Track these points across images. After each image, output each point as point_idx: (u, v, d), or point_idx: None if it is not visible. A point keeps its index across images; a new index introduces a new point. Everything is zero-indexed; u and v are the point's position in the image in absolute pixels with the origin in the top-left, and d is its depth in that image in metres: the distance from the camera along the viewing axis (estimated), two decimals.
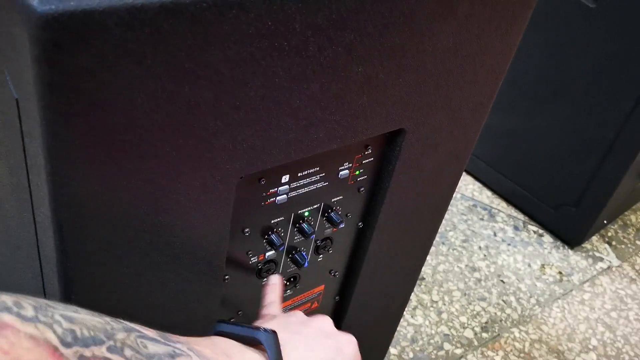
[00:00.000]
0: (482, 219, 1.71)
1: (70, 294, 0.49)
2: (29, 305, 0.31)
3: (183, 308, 0.59)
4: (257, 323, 0.54)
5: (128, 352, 0.36)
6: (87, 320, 0.35)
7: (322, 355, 0.51)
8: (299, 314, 0.55)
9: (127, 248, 0.50)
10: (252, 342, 0.49)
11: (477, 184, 1.82)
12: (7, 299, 0.30)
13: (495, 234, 1.67)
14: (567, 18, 1.43)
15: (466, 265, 1.55)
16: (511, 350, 1.36)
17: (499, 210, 1.75)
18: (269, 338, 0.48)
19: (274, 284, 0.62)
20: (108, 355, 0.34)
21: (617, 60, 1.38)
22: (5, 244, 0.76)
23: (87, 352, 0.33)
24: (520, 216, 1.75)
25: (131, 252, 0.50)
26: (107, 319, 0.37)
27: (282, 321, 0.54)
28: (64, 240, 0.45)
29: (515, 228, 1.71)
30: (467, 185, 1.81)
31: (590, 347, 1.41)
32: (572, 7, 1.41)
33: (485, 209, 1.75)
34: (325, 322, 0.55)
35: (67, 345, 0.32)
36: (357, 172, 0.67)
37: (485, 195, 1.79)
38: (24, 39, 0.36)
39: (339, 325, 0.85)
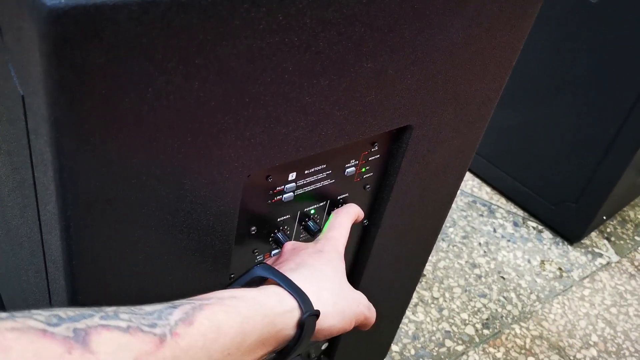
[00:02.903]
0: (481, 215, 1.71)
1: (77, 294, 0.48)
2: (1, 313, 0.30)
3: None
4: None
5: (124, 315, 0.36)
6: (69, 308, 0.34)
7: (311, 261, 0.54)
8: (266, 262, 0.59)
9: (133, 247, 0.49)
10: (258, 282, 0.52)
11: (477, 180, 1.82)
12: None
13: (495, 230, 1.67)
14: (568, 14, 1.42)
15: (466, 262, 1.55)
16: (512, 347, 1.36)
17: (498, 206, 1.75)
18: (264, 267, 0.52)
19: (348, 213, 0.63)
20: (103, 322, 0.34)
21: (618, 56, 1.38)
22: (5, 241, 0.75)
23: (80, 325, 0.32)
24: (520, 212, 1.74)
25: (138, 251, 0.49)
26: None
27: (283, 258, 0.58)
28: (71, 239, 0.44)
29: (515, 224, 1.71)
30: (467, 181, 1.81)
31: (591, 343, 1.41)
32: (573, 3, 1.40)
33: (484, 205, 1.74)
34: (291, 244, 0.59)
35: (54, 325, 0.31)
36: (364, 169, 0.66)
37: (485, 192, 1.79)
38: (33, 34, 0.35)
39: None
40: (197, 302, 0.42)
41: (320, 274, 0.53)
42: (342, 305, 0.53)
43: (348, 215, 0.62)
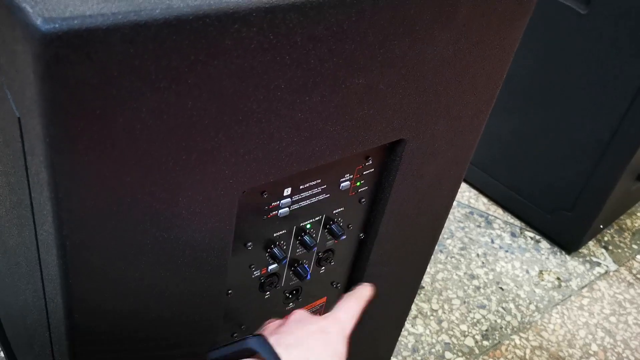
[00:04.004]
0: (479, 226, 1.71)
1: (74, 313, 0.49)
2: None
3: (186, 322, 0.59)
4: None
5: None
6: None
7: (312, 343, 0.52)
8: (270, 324, 0.57)
9: (129, 264, 0.49)
10: (248, 354, 0.50)
11: (473, 191, 1.83)
12: None
13: (492, 241, 1.67)
14: (559, 24, 1.43)
15: (465, 273, 1.55)
16: (512, 358, 1.36)
17: (495, 217, 1.75)
18: (259, 341, 0.50)
19: (359, 298, 0.61)
20: None
21: (609, 66, 1.39)
22: (2, 261, 0.75)
23: None
24: (517, 222, 1.75)
25: (134, 268, 0.50)
26: None
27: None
28: (68, 258, 0.45)
29: (512, 234, 1.71)
30: (463, 193, 1.82)
31: (591, 352, 1.41)
32: (563, 13, 1.42)
33: (482, 216, 1.75)
34: (299, 314, 0.56)
35: None
36: (358, 183, 0.67)
37: (482, 202, 1.79)
38: (27, 57, 0.35)
39: None
40: None
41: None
42: None
43: (359, 301, 0.61)
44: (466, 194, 1.81)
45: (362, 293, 0.62)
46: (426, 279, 1.51)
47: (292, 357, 0.49)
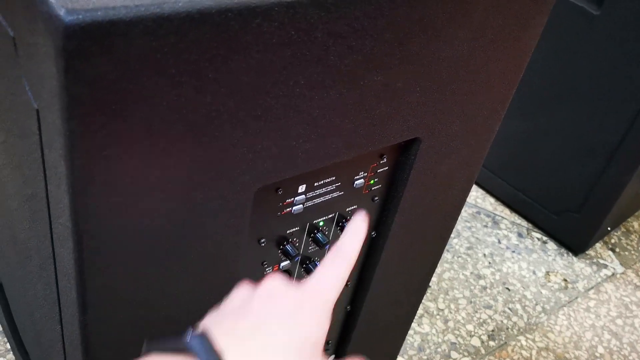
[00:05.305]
0: (486, 226, 1.70)
1: (87, 307, 0.49)
2: None
3: (198, 319, 0.59)
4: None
5: None
6: None
7: (275, 328, 0.39)
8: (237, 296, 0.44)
9: (144, 259, 0.49)
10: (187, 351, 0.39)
11: (481, 191, 1.82)
12: None
13: (499, 241, 1.66)
14: (571, 24, 1.43)
15: (471, 273, 1.55)
16: (518, 359, 1.36)
17: (502, 217, 1.75)
18: (195, 344, 0.39)
19: (357, 228, 0.44)
20: None
21: (621, 66, 1.38)
22: (13, 254, 0.75)
23: None
24: (524, 223, 1.74)
25: (148, 263, 0.50)
26: None
27: (220, 315, 0.44)
28: (83, 252, 0.44)
29: (519, 235, 1.70)
30: (471, 192, 1.81)
31: (597, 355, 1.40)
32: (576, 13, 1.41)
33: (489, 216, 1.74)
34: (271, 285, 0.42)
35: None
36: (372, 182, 0.66)
37: (489, 202, 1.79)
38: (49, 49, 0.35)
39: (349, 335, 0.84)
40: None
41: (271, 354, 0.38)
42: None
43: (348, 257, 0.43)
44: (473, 193, 1.81)
45: (350, 246, 0.44)
46: (433, 278, 1.50)
47: (243, 351, 0.39)
